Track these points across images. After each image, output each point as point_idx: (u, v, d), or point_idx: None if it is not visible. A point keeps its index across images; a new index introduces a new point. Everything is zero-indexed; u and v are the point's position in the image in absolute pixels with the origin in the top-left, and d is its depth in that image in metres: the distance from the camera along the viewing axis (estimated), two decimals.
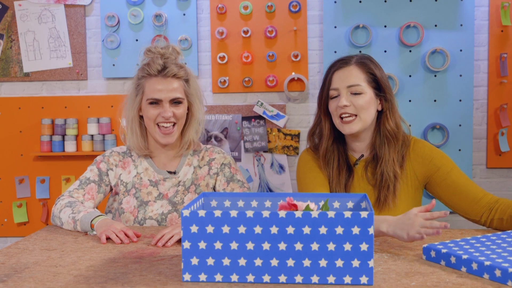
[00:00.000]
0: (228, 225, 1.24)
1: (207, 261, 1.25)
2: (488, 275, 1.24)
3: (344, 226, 1.22)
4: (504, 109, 3.26)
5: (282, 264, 1.23)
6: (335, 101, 1.85)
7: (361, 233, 1.22)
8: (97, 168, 2.00)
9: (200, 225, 1.25)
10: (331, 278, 1.22)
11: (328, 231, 1.22)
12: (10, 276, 1.33)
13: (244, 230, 1.24)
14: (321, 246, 1.22)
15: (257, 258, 1.24)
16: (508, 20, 3.23)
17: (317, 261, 1.22)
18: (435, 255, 1.37)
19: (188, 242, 1.26)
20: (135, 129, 1.99)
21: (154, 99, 1.92)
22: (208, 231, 1.25)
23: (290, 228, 1.23)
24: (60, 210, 1.87)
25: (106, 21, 3.35)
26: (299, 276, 1.23)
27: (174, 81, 1.93)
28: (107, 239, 1.69)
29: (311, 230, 1.22)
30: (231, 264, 1.24)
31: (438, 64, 3.27)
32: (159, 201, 1.97)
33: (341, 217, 1.22)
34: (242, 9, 3.34)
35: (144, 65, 1.96)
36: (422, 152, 1.87)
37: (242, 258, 1.24)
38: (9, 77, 3.44)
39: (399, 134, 1.87)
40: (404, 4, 3.28)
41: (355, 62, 1.85)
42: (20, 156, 3.44)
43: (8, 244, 3.45)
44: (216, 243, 1.25)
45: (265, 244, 1.24)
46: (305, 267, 1.23)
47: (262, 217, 1.23)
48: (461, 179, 1.82)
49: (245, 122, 3.37)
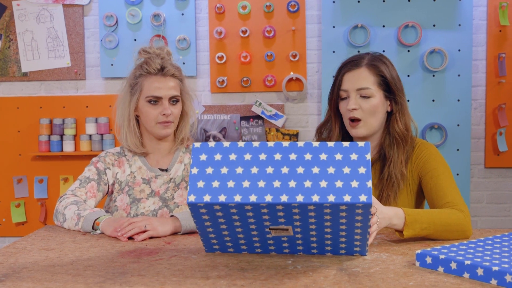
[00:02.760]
0: (235, 153, 1.32)
1: (213, 183, 1.30)
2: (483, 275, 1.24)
3: (343, 153, 1.29)
4: (502, 109, 3.26)
5: (284, 185, 1.27)
6: (345, 103, 1.85)
7: (359, 158, 1.28)
8: (95, 168, 2.01)
9: (209, 154, 1.33)
10: (331, 197, 1.25)
11: (328, 157, 1.29)
12: (8, 276, 1.33)
13: (250, 157, 1.31)
14: (321, 169, 1.28)
15: (260, 180, 1.29)
16: (507, 20, 3.24)
17: (317, 182, 1.27)
18: (431, 261, 1.36)
19: (196, 168, 1.32)
20: (133, 127, 2.01)
21: (154, 97, 1.95)
22: (216, 158, 1.33)
23: (293, 155, 1.30)
24: (65, 207, 1.88)
25: (105, 21, 3.35)
26: (300, 196, 1.26)
27: (172, 80, 1.98)
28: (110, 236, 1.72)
29: (312, 156, 1.30)
30: (235, 186, 1.29)
31: (436, 64, 3.27)
32: (151, 198, 2.00)
33: (340, 145, 1.30)
34: (241, 9, 3.34)
35: (142, 64, 1.99)
36: (421, 155, 1.86)
37: (246, 181, 1.29)
38: (7, 76, 3.44)
39: (408, 137, 1.86)
40: (403, 4, 3.29)
41: (366, 64, 1.83)
42: (18, 156, 3.44)
43: (6, 244, 3.45)
44: (222, 168, 1.31)
45: (269, 168, 1.30)
46: (306, 187, 1.26)
47: (267, 146, 1.32)
48: (443, 184, 1.77)
49: (243, 122, 3.37)
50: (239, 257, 1.44)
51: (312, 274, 1.29)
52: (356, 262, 1.39)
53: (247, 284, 1.24)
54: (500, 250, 1.37)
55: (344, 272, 1.30)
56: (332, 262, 1.39)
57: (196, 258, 1.46)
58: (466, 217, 1.65)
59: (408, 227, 1.55)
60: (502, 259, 1.29)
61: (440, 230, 1.60)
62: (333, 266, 1.35)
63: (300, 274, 1.29)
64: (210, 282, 1.25)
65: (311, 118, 3.40)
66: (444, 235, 1.61)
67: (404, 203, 1.86)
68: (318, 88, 3.38)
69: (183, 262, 1.43)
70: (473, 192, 3.34)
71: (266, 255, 1.44)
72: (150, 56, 1.97)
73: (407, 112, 1.89)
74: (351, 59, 1.88)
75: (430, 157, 1.85)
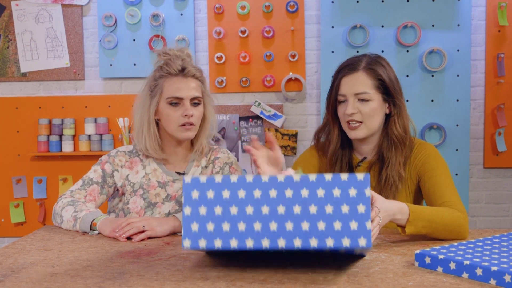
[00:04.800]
0: (228, 189, 1.26)
1: (207, 226, 1.26)
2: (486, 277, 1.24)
3: (341, 188, 1.24)
4: (501, 109, 3.27)
5: (281, 227, 1.24)
6: (343, 106, 1.84)
7: (357, 195, 1.23)
8: (102, 169, 1.98)
9: (201, 190, 1.27)
10: (330, 241, 1.22)
11: (326, 194, 1.24)
12: (7, 276, 1.33)
13: (244, 195, 1.26)
14: (319, 208, 1.24)
15: (256, 222, 1.25)
16: (505, 20, 3.24)
17: (315, 223, 1.23)
18: (430, 261, 1.36)
19: (189, 208, 1.27)
20: (153, 131, 1.96)
21: (176, 98, 1.91)
22: (209, 196, 1.27)
23: (288, 191, 1.25)
24: (62, 208, 1.87)
25: (104, 21, 3.35)
26: (298, 239, 1.23)
27: (193, 81, 1.95)
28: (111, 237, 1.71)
29: (309, 193, 1.24)
30: (230, 229, 1.25)
31: (435, 64, 3.27)
32: (167, 203, 1.97)
33: (338, 179, 1.24)
34: (240, 9, 3.34)
35: (162, 65, 1.95)
36: (420, 155, 1.86)
37: (241, 223, 1.25)
38: (6, 77, 3.43)
39: (406, 139, 1.86)
40: (401, 4, 3.29)
41: (363, 68, 1.81)
42: (17, 156, 3.44)
43: (5, 244, 3.45)
44: (216, 208, 1.26)
45: (264, 207, 1.25)
46: (304, 230, 1.23)
47: (261, 181, 1.26)
48: (442, 184, 1.78)
49: (242, 122, 3.37)
50: (238, 257, 1.44)
51: (311, 274, 1.29)
52: (355, 262, 1.39)
53: (246, 284, 1.24)
54: (499, 250, 1.37)
55: (343, 272, 1.31)
56: (331, 262, 1.39)
57: (195, 258, 1.46)
58: (465, 218, 1.66)
59: (411, 224, 1.55)
60: (501, 259, 1.29)
61: (440, 229, 1.60)
62: (332, 266, 1.35)
63: (299, 274, 1.29)
64: (209, 282, 1.25)
65: (310, 118, 3.40)
66: (443, 234, 1.61)
67: (406, 201, 1.86)
68: (317, 88, 3.38)
69: (182, 262, 1.43)
70: (472, 192, 3.35)
71: (265, 254, 1.44)
72: (170, 58, 1.94)
73: (406, 113, 1.88)
74: (348, 62, 1.86)
75: (429, 157, 1.85)
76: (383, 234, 1.71)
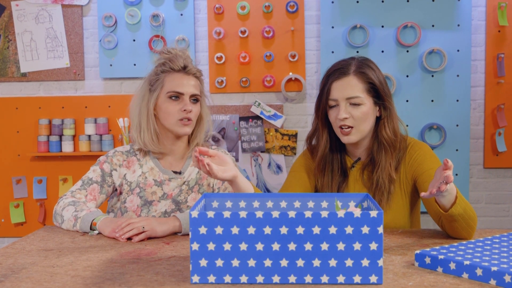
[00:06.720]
0: (237, 226, 1.24)
1: (216, 262, 1.24)
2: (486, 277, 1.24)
3: (354, 226, 1.22)
4: (501, 109, 3.27)
5: (291, 264, 1.23)
6: (334, 111, 1.83)
7: (370, 232, 1.22)
8: (100, 169, 2.00)
9: (209, 226, 1.24)
10: (341, 277, 1.23)
11: (338, 231, 1.22)
12: (7, 276, 1.33)
13: (254, 231, 1.23)
14: (330, 246, 1.22)
15: (266, 259, 1.24)
16: (505, 20, 3.24)
17: (326, 261, 1.23)
18: (430, 262, 1.36)
19: (196, 244, 1.24)
20: (152, 125, 1.99)
21: (176, 92, 1.96)
22: (217, 232, 1.24)
23: (300, 228, 1.23)
24: (63, 208, 1.88)
25: (104, 21, 3.35)
26: (309, 276, 1.23)
27: (194, 79, 2.01)
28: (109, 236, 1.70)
29: (321, 230, 1.22)
30: (240, 265, 1.24)
31: (435, 64, 3.27)
32: (163, 201, 1.99)
33: (351, 216, 1.22)
34: (240, 9, 3.34)
35: (164, 61, 2.01)
36: (415, 155, 1.86)
37: (251, 259, 1.24)
38: (6, 77, 3.43)
39: (396, 142, 1.86)
40: (401, 4, 3.29)
41: (354, 71, 1.81)
42: (17, 156, 3.44)
43: (5, 244, 3.45)
44: (225, 244, 1.24)
45: (275, 244, 1.23)
46: (315, 267, 1.23)
47: (271, 217, 1.23)
48: None
49: (242, 122, 3.37)
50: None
51: None
52: None
53: (246, 285, 1.24)
54: (499, 251, 1.37)
55: None
56: None
57: None
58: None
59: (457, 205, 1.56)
60: (501, 259, 1.29)
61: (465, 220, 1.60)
62: None
63: None
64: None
65: (310, 119, 3.39)
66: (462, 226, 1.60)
67: (399, 205, 1.86)
68: (317, 89, 3.38)
69: (182, 263, 1.43)
70: (472, 192, 3.35)
71: None
72: (173, 56, 2.00)
73: (395, 116, 1.89)
74: (337, 66, 1.85)
75: (425, 157, 1.85)
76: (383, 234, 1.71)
